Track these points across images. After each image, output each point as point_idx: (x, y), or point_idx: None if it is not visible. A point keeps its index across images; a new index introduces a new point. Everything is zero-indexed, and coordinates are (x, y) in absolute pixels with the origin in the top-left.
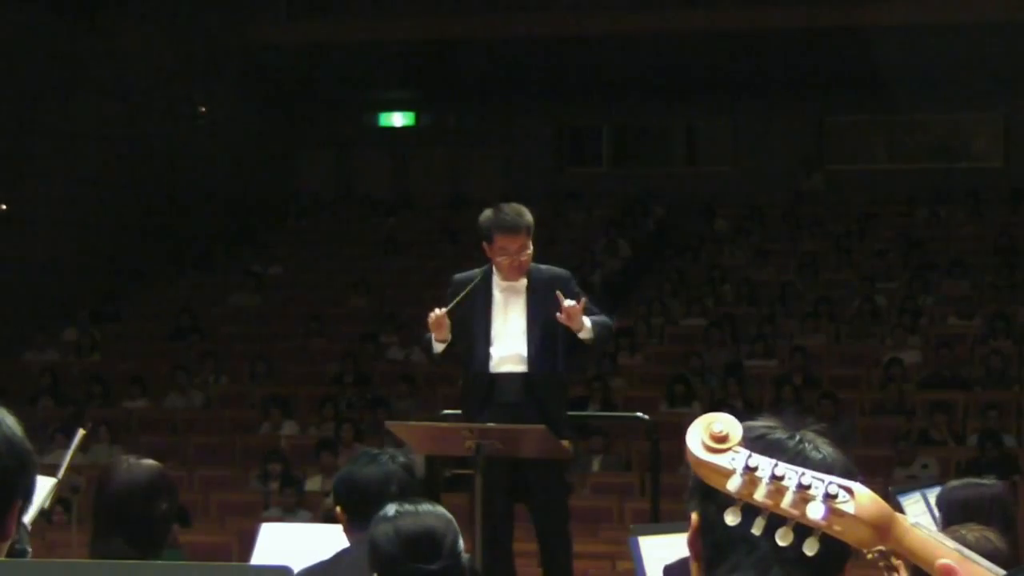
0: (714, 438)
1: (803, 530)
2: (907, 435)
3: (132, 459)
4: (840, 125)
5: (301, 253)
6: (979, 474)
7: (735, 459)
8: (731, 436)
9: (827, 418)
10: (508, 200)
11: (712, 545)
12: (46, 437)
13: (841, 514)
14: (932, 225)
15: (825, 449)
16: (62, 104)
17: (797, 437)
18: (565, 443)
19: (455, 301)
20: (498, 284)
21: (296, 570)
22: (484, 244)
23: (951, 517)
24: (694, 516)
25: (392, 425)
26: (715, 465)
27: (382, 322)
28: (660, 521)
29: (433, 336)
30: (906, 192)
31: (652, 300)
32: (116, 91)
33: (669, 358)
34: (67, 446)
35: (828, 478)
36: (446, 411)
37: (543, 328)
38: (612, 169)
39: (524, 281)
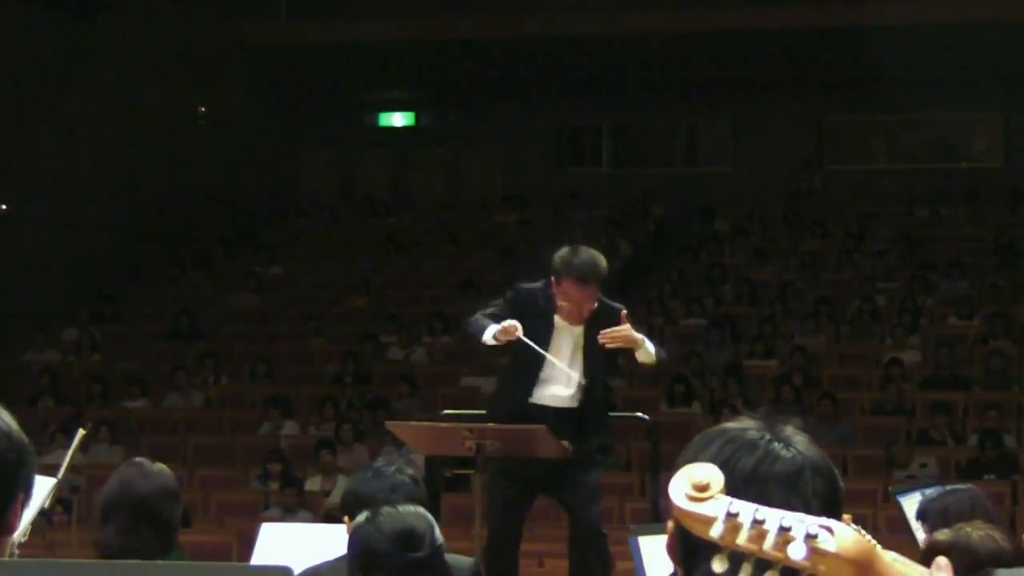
0: (696, 487)
1: (791, 573)
2: (907, 435)
3: (146, 462)
4: (840, 125)
5: (301, 253)
6: (979, 474)
7: (717, 507)
8: (712, 484)
9: (827, 418)
10: (508, 200)
11: (685, 551)
12: (46, 437)
13: (823, 553)
14: (932, 225)
15: (798, 447)
16: (62, 104)
17: (768, 436)
18: (564, 443)
19: (532, 344)
20: (558, 318)
21: (296, 570)
22: (552, 278)
23: (936, 526)
24: (670, 523)
25: (392, 425)
26: (697, 514)
27: (382, 322)
28: (660, 521)
29: (496, 334)
30: (906, 192)
31: (652, 300)
32: (116, 91)
33: (669, 358)
34: (67, 446)
35: (809, 519)
36: (446, 411)
37: (596, 365)
38: (612, 169)
39: None
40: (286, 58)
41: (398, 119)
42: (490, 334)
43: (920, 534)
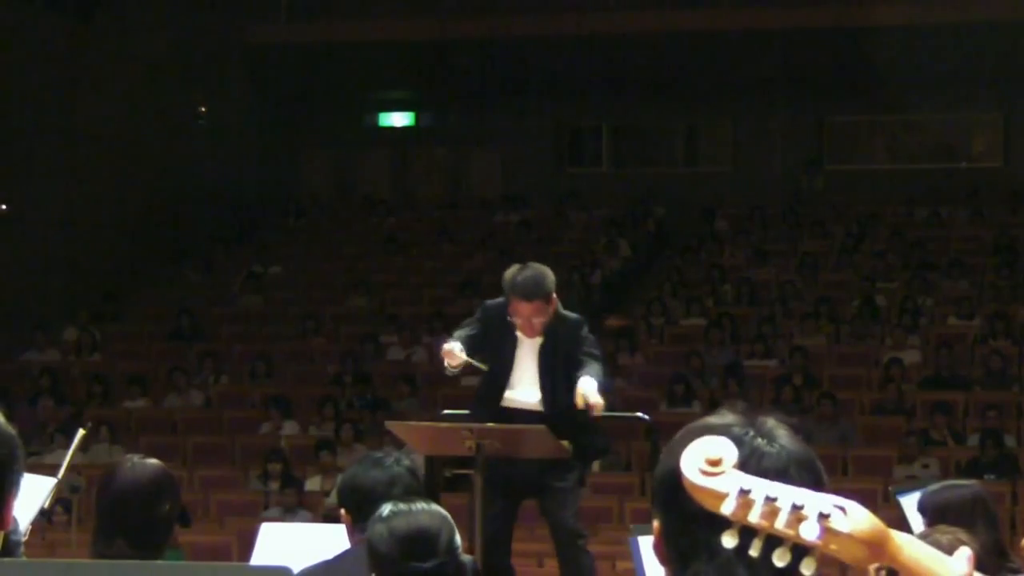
0: (709, 462)
1: (800, 550)
2: (907, 435)
3: (136, 458)
4: (840, 125)
5: (301, 253)
6: (980, 474)
7: (729, 482)
8: (725, 459)
9: (827, 418)
10: (508, 200)
11: (675, 552)
12: (46, 437)
13: (835, 533)
14: (932, 225)
15: (781, 442)
16: (62, 104)
17: (751, 432)
18: (564, 443)
19: (476, 361)
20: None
21: (296, 570)
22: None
23: (935, 521)
24: (656, 523)
25: (392, 425)
26: (710, 489)
27: (382, 322)
28: None
29: (447, 365)
30: (906, 192)
31: (652, 300)
32: (116, 91)
33: (669, 358)
34: (67, 446)
35: (823, 497)
36: (446, 411)
37: (556, 375)
38: (612, 169)
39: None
40: (286, 58)
41: (398, 119)
42: (447, 366)
43: (919, 528)
